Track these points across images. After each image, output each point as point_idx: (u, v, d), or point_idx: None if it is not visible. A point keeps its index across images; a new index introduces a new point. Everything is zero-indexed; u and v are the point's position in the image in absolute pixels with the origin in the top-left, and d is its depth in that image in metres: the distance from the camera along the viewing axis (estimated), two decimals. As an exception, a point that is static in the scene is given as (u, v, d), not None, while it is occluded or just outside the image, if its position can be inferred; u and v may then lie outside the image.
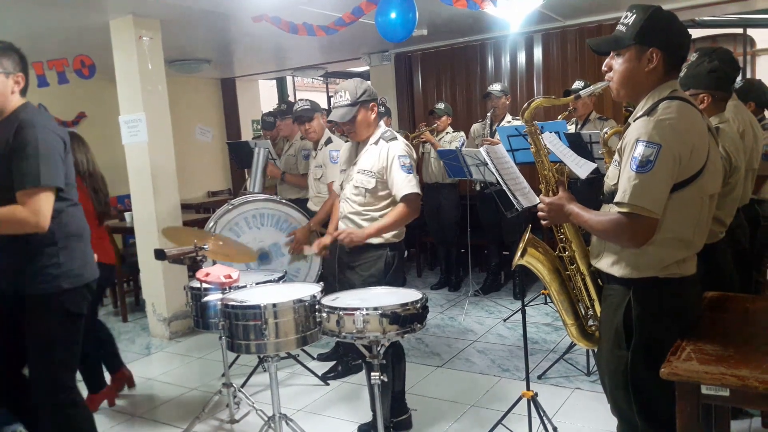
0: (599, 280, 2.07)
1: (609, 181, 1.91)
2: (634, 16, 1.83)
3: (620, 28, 1.86)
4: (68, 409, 2.43)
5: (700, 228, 1.84)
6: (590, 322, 2.18)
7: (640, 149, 1.72)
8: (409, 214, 2.85)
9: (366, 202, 2.92)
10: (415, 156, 2.96)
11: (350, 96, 2.86)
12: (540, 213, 2.05)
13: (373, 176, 2.88)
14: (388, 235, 2.90)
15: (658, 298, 1.83)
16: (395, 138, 2.91)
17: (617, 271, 1.87)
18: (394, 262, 2.93)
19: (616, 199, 1.77)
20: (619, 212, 1.76)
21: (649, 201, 1.71)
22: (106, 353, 3.81)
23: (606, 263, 1.92)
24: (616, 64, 1.88)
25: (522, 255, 2.22)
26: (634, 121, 1.83)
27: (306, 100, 4.15)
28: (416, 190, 2.84)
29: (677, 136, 1.72)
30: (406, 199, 2.83)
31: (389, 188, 2.88)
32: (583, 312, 2.18)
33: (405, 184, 2.83)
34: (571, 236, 2.12)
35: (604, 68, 1.93)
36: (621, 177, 1.78)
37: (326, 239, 3.15)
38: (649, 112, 1.78)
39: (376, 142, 2.92)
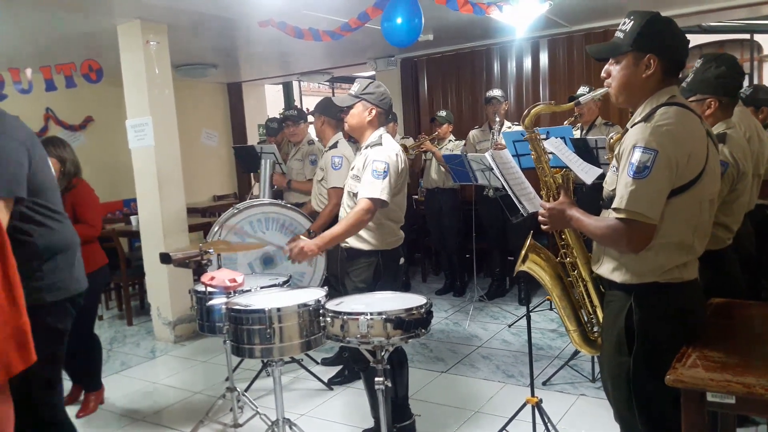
0: (601, 287, 2.06)
1: (607, 186, 1.92)
2: (632, 22, 1.84)
3: (618, 34, 1.88)
4: (51, 429, 2.29)
5: (700, 233, 1.84)
6: (593, 329, 2.17)
7: (637, 155, 1.72)
8: (362, 220, 2.75)
9: None
10: (398, 164, 2.85)
11: (358, 89, 2.92)
12: (541, 218, 2.05)
13: (359, 181, 2.87)
14: (377, 242, 2.89)
15: (660, 303, 1.82)
16: (380, 143, 2.88)
17: (618, 277, 1.87)
18: (385, 270, 2.92)
19: (613, 205, 1.78)
20: (616, 218, 1.76)
21: (646, 207, 1.72)
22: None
23: (607, 269, 1.92)
24: (614, 71, 1.89)
25: (523, 261, 2.22)
26: (631, 126, 1.84)
27: (327, 98, 4.17)
28: (377, 195, 2.74)
29: (674, 142, 1.72)
30: (363, 202, 2.76)
31: None
32: (585, 318, 2.17)
33: (367, 187, 2.76)
34: (573, 242, 2.12)
35: (603, 74, 1.95)
36: (618, 183, 1.79)
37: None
38: (647, 118, 1.78)
39: (366, 147, 2.92)
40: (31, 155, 2.18)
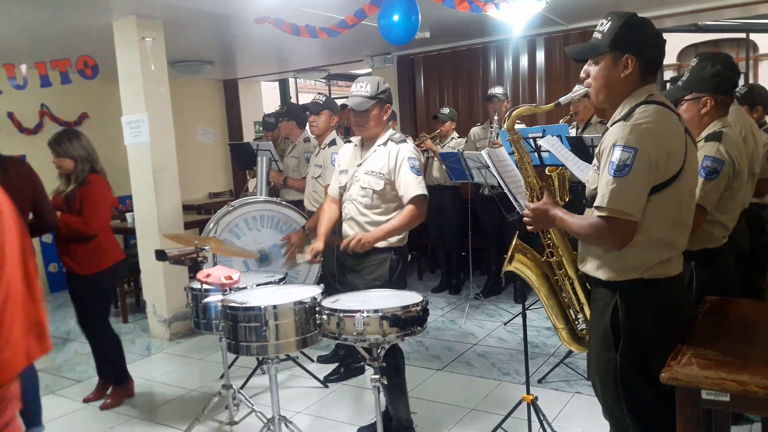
0: (587, 284, 2.08)
1: (589, 185, 1.95)
2: (609, 23, 1.87)
3: (596, 35, 1.90)
4: None
5: (681, 229, 1.86)
6: (580, 326, 2.19)
7: (617, 154, 1.74)
8: (418, 217, 2.83)
9: (373, 204, 2.89)
10: (422, 159, 2.95)
11: (371, 89, 2.87)
12: (525, 218, 2.07)
13: (382, 178, 2.86)
14: (393, 239, 2.88)
15: (644, 299, 1.84)
16: (405, 140, 2.91)
17: (603, 274, 1.89)
18: (399, 267, 2.92)
19: (595, 204, 1.80)
20: (598, 216, 1.78)
21: (627, 204, 1.74)
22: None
23: (591, 267, 1.94)
24: (593, 71, 1.92)
25: (510, 261, 2.24)
26: (611, 125, 1.86)
27: (323, 95, 4.17)
28: (424, 192, 2.84)
29: (653, 140, 1.74)
30: (415, 200, 2.81)
31: (397, 189, 2.86)
32: (573, 316, 2.19)
33: (414, 185, 2.82)
34: (558, 241, 2.15)
35: (582, 75, 1.97)
36: (599, 181, 1.81)
37: (319, 245, 3.02)
38: (626, 117, 1.81)
39: (384, 144, 2.91)
40: None
